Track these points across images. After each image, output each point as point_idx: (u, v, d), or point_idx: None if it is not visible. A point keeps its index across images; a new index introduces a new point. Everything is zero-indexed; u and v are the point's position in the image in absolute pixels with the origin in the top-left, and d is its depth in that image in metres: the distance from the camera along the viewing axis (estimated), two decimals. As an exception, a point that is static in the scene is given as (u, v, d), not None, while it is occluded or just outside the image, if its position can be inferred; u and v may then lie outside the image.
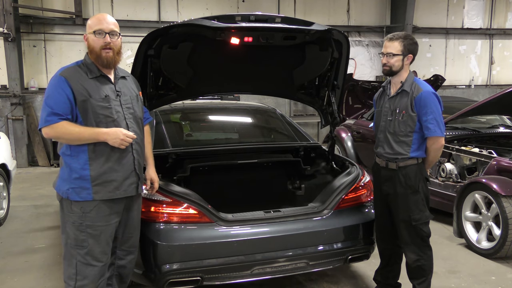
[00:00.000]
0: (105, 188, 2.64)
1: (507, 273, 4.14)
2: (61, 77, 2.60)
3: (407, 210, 3.20)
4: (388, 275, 3.54)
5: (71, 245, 2.66)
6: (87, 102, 2.61)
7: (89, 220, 2.63)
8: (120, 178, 2.69)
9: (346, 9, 11.29)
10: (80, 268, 2.65)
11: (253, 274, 3.17)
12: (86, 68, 2.68)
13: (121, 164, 2.69)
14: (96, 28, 2.64)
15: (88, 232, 2.64)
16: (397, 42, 3.17)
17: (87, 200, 2.62)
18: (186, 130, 4.57)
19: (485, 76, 12.63)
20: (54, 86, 2.59)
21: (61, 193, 2.67)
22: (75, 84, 2.59)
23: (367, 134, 6.65)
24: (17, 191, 6.86)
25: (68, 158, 2.64)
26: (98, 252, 2.67)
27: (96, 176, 2.62)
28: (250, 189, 4.20)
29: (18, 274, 4.08)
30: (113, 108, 2.68)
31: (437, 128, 3.12)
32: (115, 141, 2.61)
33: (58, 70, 2.69)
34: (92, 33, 2.65)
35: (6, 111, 8.88)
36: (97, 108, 2.63)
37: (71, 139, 2.60)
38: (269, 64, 3.98)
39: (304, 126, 9.87)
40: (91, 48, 2.67)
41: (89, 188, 2.61)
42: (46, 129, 2.58)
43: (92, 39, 2.65)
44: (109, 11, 9.66)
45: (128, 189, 2.74)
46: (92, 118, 2.62)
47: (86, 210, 2.63)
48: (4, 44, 8.68)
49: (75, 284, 2.65)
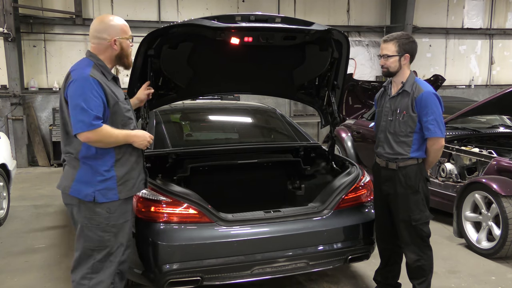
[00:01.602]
0: (126, 186, 2.70)
1: (507, 273, 4.14)
2: (94, 79, 2.50)
3: (407, 210, 3.20)
4: (388, 275, 3.55)
5: (90, 248, 2.65)
6: (116, 104, 2.62)
7: (113, 219, 2.67)
8: (136, 175, 2.77)
9: (346, 9, 11.29)
10: (97, 267, 2.66)
11: (253, 274, 3.17)
12: (102, 69, 2.65)
13: (138, 162, 2.78)
14: (130, 35, 2.72)
15: (112, 232, 2.67)
16: (391, 43, 3.18)
17: (113, 200, 2.64)
18: (186, 130, 4.57)
19: (485, 76, 12.62)
20: (89, 88, 2.47)
21: (82, 196, 2.60)
22: (105, 86, 2.57)
23: (367, 134, 6.65)
24: (17, 191, 6.86)
25: (93, 161, 2.59)
26: (116, 248, 2.71)
27: (121, 176, 2.67)
28: (250, 189, 4.20)
29: (18, 274, 4.09)
30: (132, 110, 2.78)
31: (437, 129, 3.12)
32: (142, 143, 2.69)
33: (78, 70, 2.54)
34: (127, 39, 2.70)
35: (6, 111, 8.88)
36: (124, 110, 2.68)
37: (110, 142, 2.55)
38: (269, 64, 3.98)
39: (304, 126, 9.87)
40: (126, 53, 2.72)
41: (115, 188, 2.64)
42: (89, 133, 2.45)
43: (127, 45, 2.72)
44: (109, 11, 9.66)
45: (139, 185, 2.83)
46: (119, 120, 2.64)
47: (112, 210, 2.65)
48: (4, 44, 8.68)
49: (90, 282, 2.65)
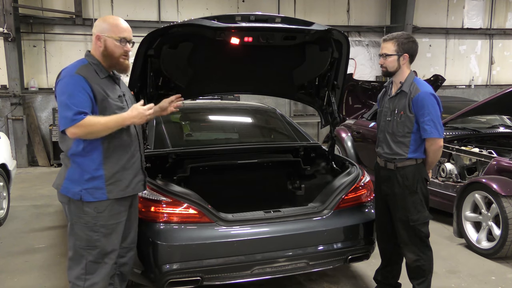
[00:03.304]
0: (117, 187, 2.67)
1: (507, 273, 4.14)
2: (80, 76, 2.53)
3: (405, 210, 3.20)
4: (388, 275, 3.54)
5: (80, 246, 2.65)
6: (106, 101, 2.61)
7: (102, 219, 2.64)
8: (130, 176, 2.73)
9: (346, 9, 11.29)
10: (90, 268, 2.65)
11: (253, 274, 3.17)
12: (96, 67, 2.66)
13: (131, 162, 2.74)
14: (122, 36, 2.65)
15: (102, 232, 2.65)
16: (391, 42, 3.18)
17: (101, 200, 2.62)
18: (186, 130, 4.57)
19: (485, 76, 12.62)
20: (74, 85, 2.51)
21: (70, 195, 2.62)
22: (93, 83, 2.57)
23: (367, 134, 6.65)
24: (17, 191, 6.85)
25: (80, 158, 2.60)
26: (110, 250, 2.69)
27: (110, 176, 2.64)
28: (250, 189, 4.20)
29: (18, 274, 4.09)
30: (126, 108, 2.72)
31: (434, 129, 3.10)
32: (142, 119, 2.61)
33: (67, 69, 2.60)
34: (113, 39, 2.64)
35: (6, 111, 8.88)
36: (114, 108, 2.64)
37: (99, 130, 2.51)
38: (269, 64, 3.98)
39: (304, 126, 9.88)
40: (110, 52, 2.65)
41: (103, 188, 2.62)
42: (73, 128, 2.46)
43: (114, 45, 2.64)
44: (109, 11, 9.66)
45: (136, 186, 2.79)
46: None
47: (99, 210, 2.63)
48: (4, 44, 8.69)
49: (84, 284, 2.65)
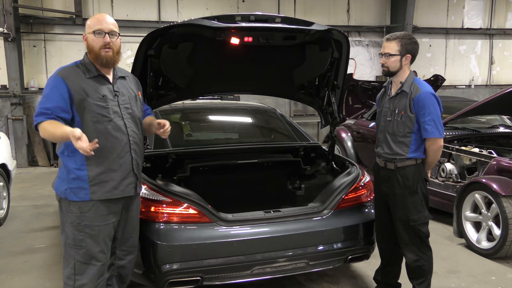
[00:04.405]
0: (102, 188, 2.65)
1: (507, 273, 4.14)
2: (58, 77, 2.61)
3: (405, 210, 3.20)
4: (388, 275, 3.54)
5: (69, 245, 2.67)
6: (85, 101, 2.61)
7: (87, 220, 2.64)
8: (118, 178, 2.69)
9: (346, 9, 11.28)
10: (79, 268, 2.66)
11: (253, 274, 3.17)
12: (84, 67, 2.69)
13: (118, 164, 2.69)
14: (96, 28, 2.66)
15: (86, 232, 2.65)
16: (394, 42, 3.17)
17: (85, 200, 2.63)
18: (186, 130, 4.57)
19: (485, 76, 12.62)
20: (50, 86, 2.60)
21: (59, 193, 2.69)
22: (72, 83, 2.60)
23: (367, 134, 6.65)
24: (17, 191, 6.85)
25: (66, 158, 2.65)
26: (97, 251, 2.68)
27: (94, 176, 2.63)
28: (250, 189, 4.20)
29: (18, 274, 4.08)
30: (110, 108, 2.68)
31: (434, 129, 3.11)
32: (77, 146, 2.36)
33: (57, 70, 2.70)
34: (91, 33, 2.67)
35: (6, 111, 8.89)
36: (94, 108, 2.63)
37: (49, 137, 2.62)
38: (269, 64, 3.98)
39: (304, 126, 9.87)
40: (90, 47, 2.68)
41: (87, 188, 2.62)
42: (38, 127, 2.59)
43: (92, 39, 2.67)
44: (109, 11, 9.66)
45: (126, 189, 2.74)
46: (89, 118, 2.63)
47: (84, 210, 2.64)
48: (4, 44, 8.68)
49: (74, 284, 2.66)
